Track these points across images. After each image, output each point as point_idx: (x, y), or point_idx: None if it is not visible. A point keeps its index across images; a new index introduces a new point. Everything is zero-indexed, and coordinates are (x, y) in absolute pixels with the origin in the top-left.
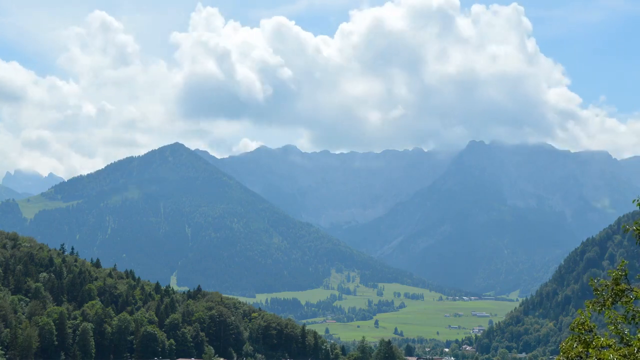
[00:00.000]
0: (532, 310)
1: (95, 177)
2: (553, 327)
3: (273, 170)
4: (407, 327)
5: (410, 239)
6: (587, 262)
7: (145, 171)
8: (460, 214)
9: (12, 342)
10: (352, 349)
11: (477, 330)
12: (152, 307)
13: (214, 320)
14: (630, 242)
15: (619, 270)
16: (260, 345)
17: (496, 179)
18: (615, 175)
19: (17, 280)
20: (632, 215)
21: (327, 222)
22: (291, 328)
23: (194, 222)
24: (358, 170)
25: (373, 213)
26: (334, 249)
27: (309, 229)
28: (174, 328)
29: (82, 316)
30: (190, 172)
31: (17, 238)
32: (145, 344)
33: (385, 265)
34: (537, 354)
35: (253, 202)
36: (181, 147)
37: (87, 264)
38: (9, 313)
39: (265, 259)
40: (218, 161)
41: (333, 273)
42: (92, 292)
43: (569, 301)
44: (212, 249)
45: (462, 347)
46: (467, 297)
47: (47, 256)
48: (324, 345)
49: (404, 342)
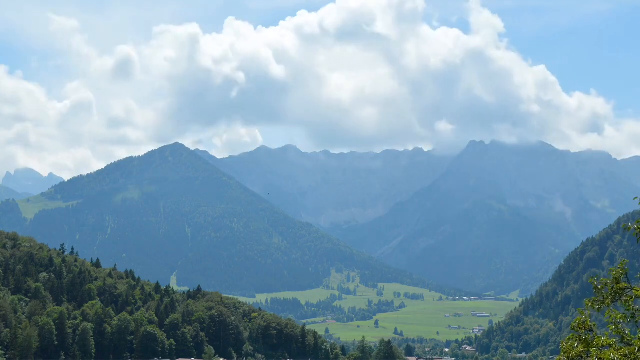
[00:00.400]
0: (532, 310)
1: (95, 177)
2: (553, 327)
3: (273, 170)
4: (407, 327)
5: (410, 239)
6: (587, 262)
7: (145, 171)
8: (460, 214)
9: (12, 342)
10: (352, 349)
11: (477, 330)
12: (152, 307)
13: (214, 320)
14: (630, 242)
15: (620, 268)
16: (260, 345)
17: (496, 179)
18: (615, 175)
19: (17, 280)
20: (632, 215)
21: (327, 222)
22: (291, 328)
23: (194, 222)
24: (358, 170)
25: (373, 213)
26: (334, 249)
27: (309, 229)
28: (174, 328)
29: (82, 316)
30: (190, 172)
31: (17, 238)
32: (145, 344)
33: (385, 265)
34: (537, 354)
35: (253, 202)
36: (181, 147)
37: (87, 264)
38: (9, 313)
39: (265, 259)
40: (218, 161)
41: (333, 273)
42: (92, 292)
43: (569, 301)
44: (212, 249)
45: (462, 347)
46: (467, 297)
47: (47, 256)
48: (324, 345)
49: (404, 342)
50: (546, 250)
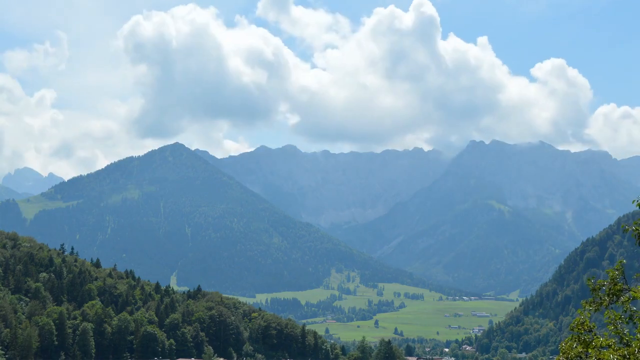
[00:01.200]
0: (532, 310)
1: (95, 177)
2: (553, 327)
3: (273, 170)
4: (407, 327)
5: (410, 239)
6: (587, 262)
7: (145, 171)
8: (460, 214)
9: (12, 342)
10: (352, 349)
11: (477, 330)
12: (152, 307)
13: (214, 320)
14: (630, 242)
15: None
16: (260, 345)
17: (496, 179)
18: (615, 175)
19: (17, 280)
20: (632, 215)
21: (327, 222)
22: (291, 328)
23: (194, 222)
24: (358, 170)
25: (373, 213)
26: (334, 249)
27: (309, 229)
28: (173, 328)
29: (82, 316)
30: (190, 172)
31: (17, 238)
32: (145, 344)
33: (385, 265)
34: (537, 354)
35: (253, 202)
36: (181, 147)
37: (87, 264)
38: (9, 313)
39: (265, 259)
40: (218, 161)
41: (333, 273)
42: (92, 292)
43: (569, 301)
44: (212, 249)
45: (462, 347)
46: (467, 297)
47: (47, 256)
48: (324, 345)
49: (404, 342)
50: (546, 250)
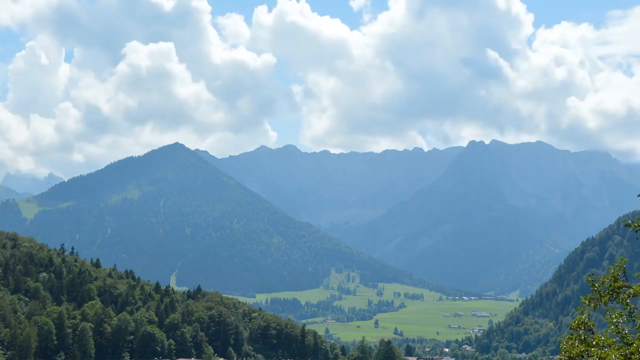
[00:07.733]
0: (532, 310)
1: (95, 177)
2: (553, 327)
3: (273, 170)
4: (407, 327)
5: (410, 239)
6: (587, 262)
7: (145, 171)
8: (460, 214)
9: (11, 341)
10: (352, 349)
11: (477, 330)
12: (151, 307)
13: (214, 320)
14: (630, 242)
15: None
16: (260, 345)
17: (496, 179)
18: (615, 175)
19: (16, 280)
20: (632, 215)
21: (327, 222)
22: (291, 328)
23: (193, 222)
24: (358, 170)
25: (373, 213)
26: (334, 249)
27: (309, 229)
28: (173, 328)
29: (81, 316)
30: (190, 172)
31: (17, 238)
32: (145, 344)
33: (385, 265)
34: (537, 354)
35: (253, 202)
36: (181, 147)
37: (87, 264)
38: (9, 313)
39: (265, 259)
40: (218, 161)
41: (333, 273)
42: (91, 292)
43: (568, 301)
44: (212, 249)
45: (462, 347)
46: (467, 297)
47: (47, 256)
48: (324, 345)
49: (404, 342)
50: (546, 250)
